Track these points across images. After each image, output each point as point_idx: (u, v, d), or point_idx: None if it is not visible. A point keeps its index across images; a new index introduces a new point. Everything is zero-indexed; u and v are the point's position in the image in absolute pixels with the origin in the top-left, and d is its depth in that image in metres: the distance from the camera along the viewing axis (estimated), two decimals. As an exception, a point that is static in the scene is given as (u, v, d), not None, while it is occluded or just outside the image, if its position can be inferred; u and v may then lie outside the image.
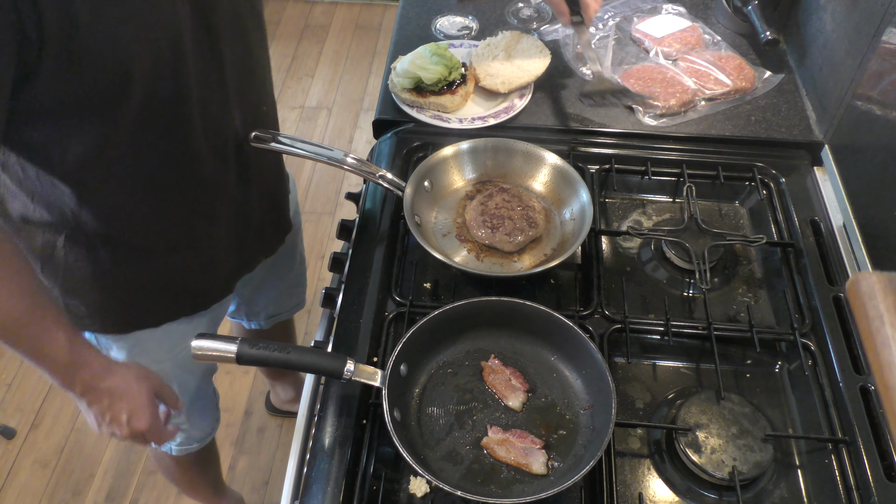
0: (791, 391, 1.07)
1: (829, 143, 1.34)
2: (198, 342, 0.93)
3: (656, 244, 1.23)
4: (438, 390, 1.02)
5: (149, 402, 1.08)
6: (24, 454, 2.17)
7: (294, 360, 0.93)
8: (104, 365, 1.03)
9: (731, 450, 0.95)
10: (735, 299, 1.17)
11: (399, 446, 0.87)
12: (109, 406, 1.04)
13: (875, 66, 1.20)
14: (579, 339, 0.99)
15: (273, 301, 1.70)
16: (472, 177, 1.29)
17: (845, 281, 1.15)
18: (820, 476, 0.97)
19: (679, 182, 1.31)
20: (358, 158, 1.21)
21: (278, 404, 2.24)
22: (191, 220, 1.13)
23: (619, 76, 1.45)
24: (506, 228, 1.17)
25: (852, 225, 1.20)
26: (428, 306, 1.11)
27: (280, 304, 1.73)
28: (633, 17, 1.61)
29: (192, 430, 1.51)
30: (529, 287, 1.17)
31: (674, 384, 1.08)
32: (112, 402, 1.04)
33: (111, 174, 0.99)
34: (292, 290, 1.73)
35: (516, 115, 1.39)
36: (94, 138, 0.92)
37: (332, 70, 3.47)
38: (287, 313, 1.78)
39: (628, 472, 0.99)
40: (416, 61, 1.39)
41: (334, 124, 3.20)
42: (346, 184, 2.90)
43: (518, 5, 1.67)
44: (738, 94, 1.44)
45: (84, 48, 0.81)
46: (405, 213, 1.15)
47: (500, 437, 0.96)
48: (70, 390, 1.01)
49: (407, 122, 1.40)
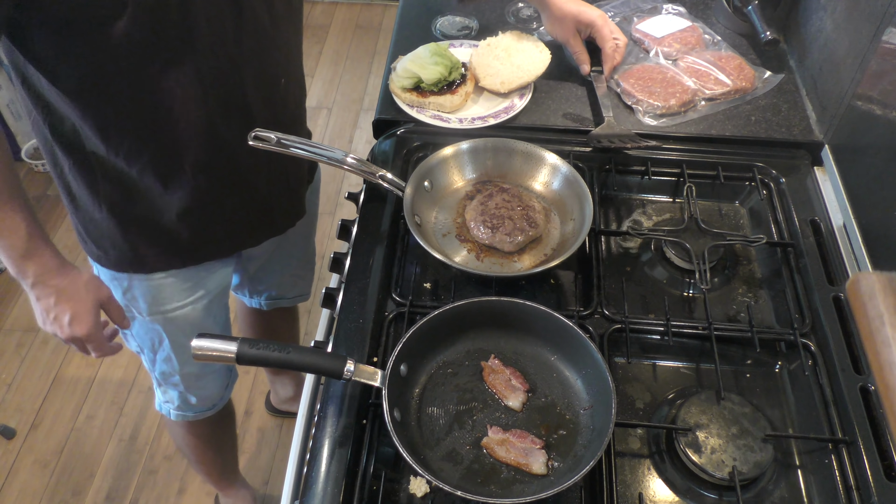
0: (791, 391, 1.07)
1: (829, 143, 1.34)
2: (198, 342, 0.93)
3: (656, 244, 1.23)
4: (438, 390, 1.02)
5: (92, 310, 1.13)
6: (24, 454, 2.18)
7: (294, 360, 0.93)
8: (57, 263, 1.09)
9: (731, 450, 0.95)
10: (735, 299, 1.17)
11: (399, 446, 0.87)
12: (55, 304, 1.10)
13: (875, 66, 1.20)
14: (579, 339, 0.99)
15: (276, 284, 1.71)
16: (472, 177, 1.29)
17: (845, 281, 1.15)
18: (820, 476, 0.97)
19: (679, 182, 1.31)
20: (358, 158, 1.21)
21: (278, 404, 2.24)
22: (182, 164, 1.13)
23: (620, 76, 1.45)
24: (506, 228, 1.17)
25: (852, 225, 1.20)
26: (428, 306, 1.11)
27: (283, 289, 1.74)
28: (633, 17, 1.61)
29: (189, 393, 1.50)
30: (529, 287, 1.17)
31: (674, 384, 1.08)
32: (57, 301, 1.10)
33: (107, 98, 1.01)
34: (297, 279, 1.74)
35: (516, 115, 1.39)
36: (89, 58, 0.95)
37: (332, 70, 3.47)
38: (289, 301, 1.78)
39: (628, 472, 0.99)
40: (416, 61, 1.39)
41: (334, 124, 3.21)
42: (346, 184, 2.91)
43: (518, 5, 1.67)
44: (738, 94, 1.44)
45: None
46: (405, 213, 1.15)
47: (500, 437, 0.96)
48: (22, 280, 1.08)
49: (407, 122, 1.40)
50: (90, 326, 1.13)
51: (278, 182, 1.31)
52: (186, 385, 1.48)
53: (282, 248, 1.55)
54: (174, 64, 1.01)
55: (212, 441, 1.75)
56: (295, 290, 1.77)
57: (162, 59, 0.99)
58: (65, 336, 1.13)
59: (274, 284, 1.71)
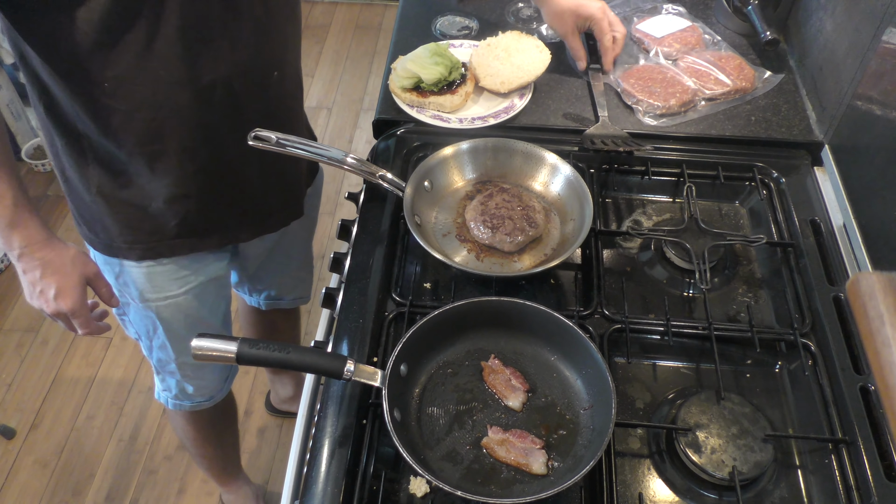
0: (791, 391, 1.07)
1: (829, 143, 1.34)
2: (197, 342, 0.93)
3: (656, 244, 1.23)
4: (438, 390, 1.02)
5: (78, 285, 1.12)
6: (24, 454, 2.18)
7: (294, 360, 0.93)
8: (44, 235, 1.09)
9: (731, 450, 0.95)
10: (735, 299, 1.17)
11: (399, 446, 0.87)
12: (40, 277, 1.09)
13: (875, 66, 1.20)
14: (579, 339, 0.99)
15: (275, 284, 1.71)
16: (472, 177, 1.29)
17: (845, 281, 1.15)
18: (820, 476, 0.97)
19: (679, 182, 1.31)
20: (358, 158, 1.21)
21: (278, 404, 2.24)
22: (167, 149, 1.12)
23: (619, 76, 1.45)
24: (506, 228, 1.17)
25: (852, 225, 1.20)
26: (428, 306, 1.11)
27: (282, 290, 1.74)
28: (633, 17, 1.61)
29: (186, 381, 1.50)
30: (529, 287, 1.17)
31: (674, 384, 1.08)
32: (43, 274, 1.09)
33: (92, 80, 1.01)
34: (297, 281, 1.74)
35: (516, 115, 1.39)
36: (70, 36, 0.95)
37: (332, 70, 3.47)
38: (287, 302, 1.78)
39: (628, 472, 0.99)
40: (416, 61, 1.39)
41: (334, 124, 3.21)
42: (346, 184, 2.91)
43: (518, 5, 1.67)
44: (738, 94, 1.44)
45: None
46: (405, 213, 1.15)
47: (500, 437, 0.96)
48: (9, 251, 1.07)
49: (407, 122, 1.40)
50: (75, 301, 1.11)
51: (272, 177, 1.30)
52: (183, 374, 1.47)
53: (280, 249, 1.54)
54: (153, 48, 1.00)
55: (212, 435, 1.74)
56: (294, 292, 1.76)
57: (141, 42, 0.99)
58: (49, 310, 1.12)
59: (273, 284, 1.71)
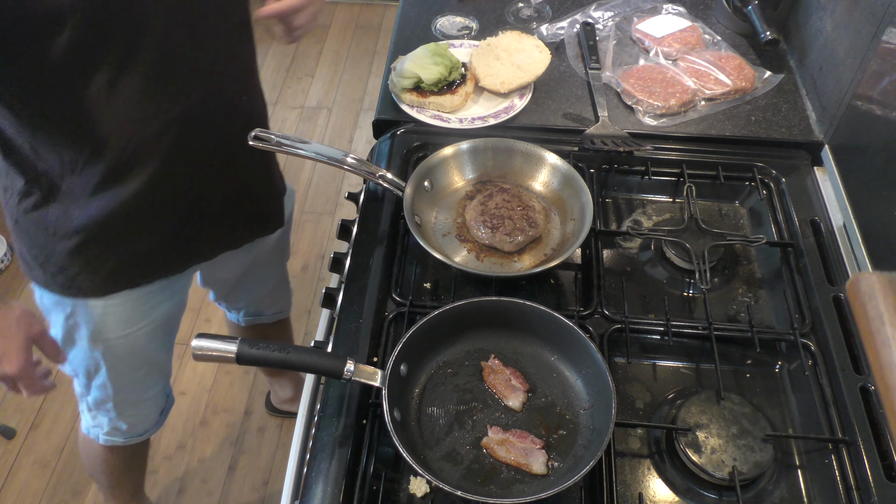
0: (791, 391, 1.07)
1: (829, 143, 1.34)
2: (198, 342, 0.93)
3: (656, 244, 1.23)
4: (438, 390, 1.02)
5: (23, 348, 1.07)
6: (24, 454, 2.17)
7: (294, 360, 0.93)
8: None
9: (731, 450, 0.95)
10: (735, 299, 1.17)
11: (399, 446, 0.87)
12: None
13: (875, 66, 1.20)
14: (579, 339, 0.99)
15: (252, 302, 1.72)
16: (472, 177, 1.29)
17: (845, 281, 1.15)
18: (820, 476, 0.97)
19: (679, 182, 1.31)
20: (358, 158, 1.21)
21: (278, 404, 2.24)
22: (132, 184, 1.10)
23: (619, 76, 1.45)
24: (506, 228, 1.17)
25: (852, 225, 1.20)
26: (428, 306, 1.11)
27: (260, 306, 1.74)
28: (633, 17, 1.61)
29: (120, 420, 1.46)
30: (529, 287, 1.17)
31: (674, 384, 1.08)
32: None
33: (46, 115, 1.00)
34: (274, 298, 1.74)
35: (516, 115, 1.39)
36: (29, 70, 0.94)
37: (331, 70, 3.47)
38: (268, 317, 1.78)
39: (628, 472, 0.99)
40: (416, 61, 1.39)
41: (334, 124, 3.20)
42: (346, 184, 2.90)
43: (518, 5, 1.67)
44: (738, 94, 1.44)
45: None
46: (405, 213, 1.15)
47: (500, 437, 0.96)
48: None
49: (407, 122, 1.40)
50: (20, 364, 1.06)
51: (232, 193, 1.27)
52: (119, 412, 1.43)
53: (252, 273, 1.53)
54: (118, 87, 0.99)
55: (130, 463, 1.70)
56: (273, 307, 1.76)
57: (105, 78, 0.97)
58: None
59: (250, 303, 1.71)
